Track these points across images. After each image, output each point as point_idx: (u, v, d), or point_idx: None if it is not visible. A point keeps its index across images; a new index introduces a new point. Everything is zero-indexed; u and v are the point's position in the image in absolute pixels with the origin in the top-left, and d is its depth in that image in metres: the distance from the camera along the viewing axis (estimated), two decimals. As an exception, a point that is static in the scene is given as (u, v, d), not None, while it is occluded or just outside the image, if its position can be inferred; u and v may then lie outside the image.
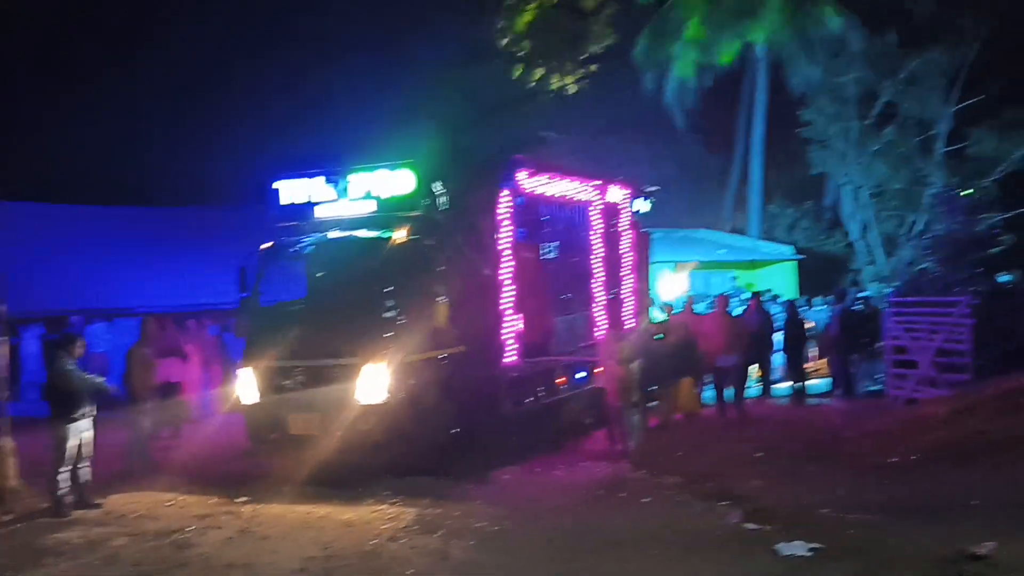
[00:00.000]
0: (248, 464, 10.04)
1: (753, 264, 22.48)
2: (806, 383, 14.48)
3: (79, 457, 8.63)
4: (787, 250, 22.55)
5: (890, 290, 16.24)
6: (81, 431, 8.58)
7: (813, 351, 15.70)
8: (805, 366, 14.78)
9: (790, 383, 14.44)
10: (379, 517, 8.16)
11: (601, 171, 12.83)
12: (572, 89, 16.31)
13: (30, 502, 8.92)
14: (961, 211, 16.21)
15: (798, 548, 6.89)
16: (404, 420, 9.16)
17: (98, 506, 8.69)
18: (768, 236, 25.78)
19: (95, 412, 8.75)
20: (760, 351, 13.87)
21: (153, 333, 11.51)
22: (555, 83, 16.15)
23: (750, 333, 13.26)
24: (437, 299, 9.52)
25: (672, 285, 17.89)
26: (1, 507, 8.84)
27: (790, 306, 14.98)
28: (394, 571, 6.74)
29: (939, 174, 21.46)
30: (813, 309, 16.76)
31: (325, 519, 8.13)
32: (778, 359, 14.67)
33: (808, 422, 12.69)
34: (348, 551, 7.23)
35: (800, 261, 22.11)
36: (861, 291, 18.44)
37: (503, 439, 10.10)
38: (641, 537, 7.43)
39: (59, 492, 8.45)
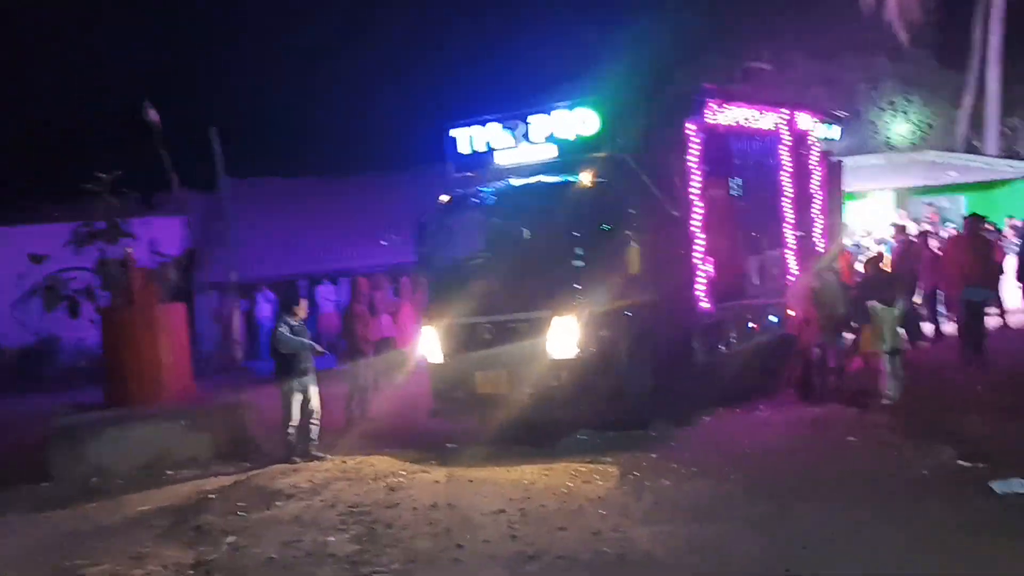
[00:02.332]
0: (437, 423, 10.18)
1: (989, 185, 20.71)
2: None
3: (307, 412, 9.57)
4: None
5: None
6: (304, 388, 9.49)
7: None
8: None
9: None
10: (576, 465, 8.42)
11: (789, 98, 12.28)
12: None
13: (266, 453, 10.07)
14: None
15: (1015, 485, 6.59)
16: (597, 374, 8.99)
17: (323, 458, 9.54)
18: (1008, 153, 23.70)
19: (313, 370, 9.59)
20: None
21: (364, 291, 12.51)
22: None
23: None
24: (628, 245, 9.29)
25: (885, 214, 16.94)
26: (240, 457, 10.07)
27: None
28: (588, 510, 7.07)
29: None
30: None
31: (525, 468, 8.46)
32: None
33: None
34: (545, 494, 7.64)
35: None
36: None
37: (699, 388, 10.04)
38: (846, 478, 7.36)
39: (289, 445, 9.44)
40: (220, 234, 21.30)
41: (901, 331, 10.82)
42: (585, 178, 9.31)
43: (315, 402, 9.57)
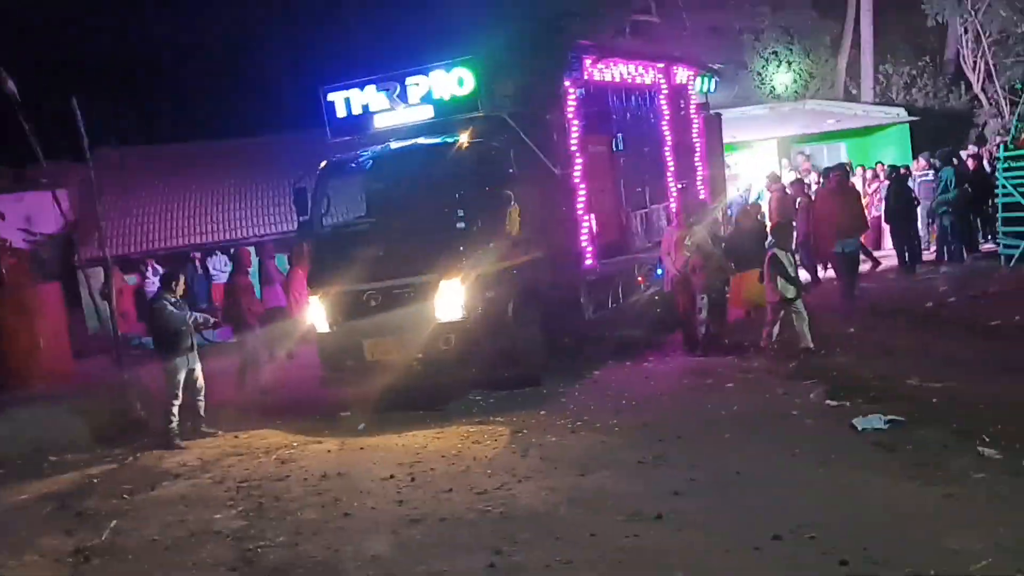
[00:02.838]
0: (328, 393, 10.08)
1: (865, 131, 21.55)
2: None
3: (193, 390, 9.42)
4: (900, 112, 21.44)
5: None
6: (187, 365, 9.32)
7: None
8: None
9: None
10: (467, 427, 8.56)
11: (666, 52, 12.52)
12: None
13: (155, 433, 9.85)
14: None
15: (874, 421, 7.01)
16: (485, 335, 9.07)
17: (213, 434, 9.44)
18: (883, 100, 24.65)
19: (196, 346, 9.42)
20: None
21: (247, 262, 12.26)
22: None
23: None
24: (509, 205, 9.29)
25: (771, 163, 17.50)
26: (127, 439, 9.86)
27: (895, 175, 14.44)
28: (474, 471, 7.20)
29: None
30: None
31: (417, 433, 8.53)
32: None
33: (906, 295, 12.43)
34: (435, 457, 7.75)
35: (915, 123, 20.98)
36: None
37: (589, 343, 10.31)
38: (721, 421, 7.69)
39: (172, 423, 9.27)
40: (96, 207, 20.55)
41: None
42: (463, 139, 9.31)
43: (200, 379, 9.41)
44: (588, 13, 19.48)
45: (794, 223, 13.01)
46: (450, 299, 9.05)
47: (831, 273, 13.23)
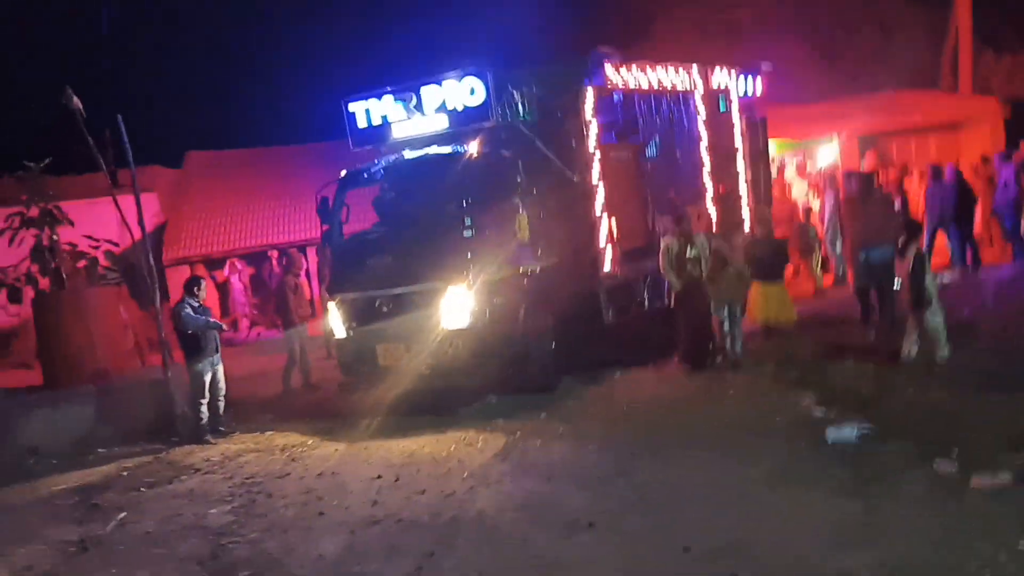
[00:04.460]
0: (349, 396, 10.50)
1: (955, 125, 20.71)
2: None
3: (215, 390, 10.08)
4: (991, 104, 20.47)
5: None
6: (212, 367, 9.99)
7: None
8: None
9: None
10: (468, 431, 8.86)
11: (701, 55, 12.36)
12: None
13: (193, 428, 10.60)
14: None
15: (846, 433, 7.00)
16: (493, 341, 9.30)
17: (230, 433, 10.08)
18: (984, 91, 23.58)
19: (217, 351, 10.02)
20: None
21: (299, 264, 12.98)
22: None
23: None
24: (518, 213, 9.48)
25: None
26: (170, 431, 10.60)
27: (955, 174, 13.93)
28: (454, 473, 7.55)
29: None
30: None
31: (421, 437, 8.86)
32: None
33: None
34: (427, 458, 8.15)
35: (1009, 117, 19.99)
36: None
37: (609, 348, 10.41)
38: (702, 431, 7.80)
39: (201, 421, 9.97)
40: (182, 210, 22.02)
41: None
42: (473, 148, 9.61)
43: (221, 380, 10.06)
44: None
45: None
46: (457, 305, 9.33)
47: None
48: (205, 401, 9.95)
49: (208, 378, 9.93)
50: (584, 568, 5.33)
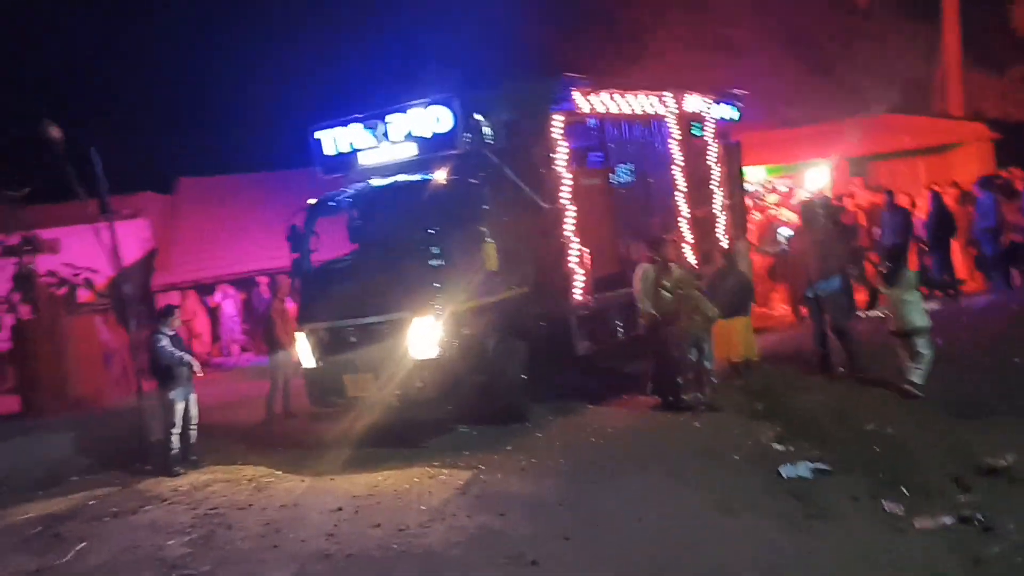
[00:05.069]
0: (320, 426, 10.53)
1: (944, 148, 20.78)
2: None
3: (187, 419, 10.12)
4: (980, 128, 20.55)
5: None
6: (184, 396, 10.04)
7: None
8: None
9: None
10: (434, 463, 8.85)
11: (672, 81, 12.33)
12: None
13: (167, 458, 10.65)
14: None
15: (800, 469, 7.05)
16: (461, 372, 9.25)
17: (201, 462, 10.07)
18: (974, 113, 23.65)
19: (190, 381, 10.03)
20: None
21: (285, 289, 13.04)
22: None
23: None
24: (485, 241, 9.38)
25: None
26: (143, 460, 10.65)
27: (936, 198, 14.00)
28: (412, 507, 7.60)
29: None
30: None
31: (387, 469, 8.84)
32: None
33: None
34: (389, 491, 8.19)
35: (999, 139, 20.06)
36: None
37: (578, 379, 10.45)
38: (659, 463, 7.85)
39: (172, 451, 10.00)
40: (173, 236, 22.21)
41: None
42: (439, 176, 9.61)
43: (193, 410, 10.11)
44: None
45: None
46: (424, 336, 9.31)
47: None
48: (176, 431, 9.99)
49: (180, 408, 9.97)
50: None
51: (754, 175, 18.96)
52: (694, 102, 12.35)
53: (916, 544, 5.48)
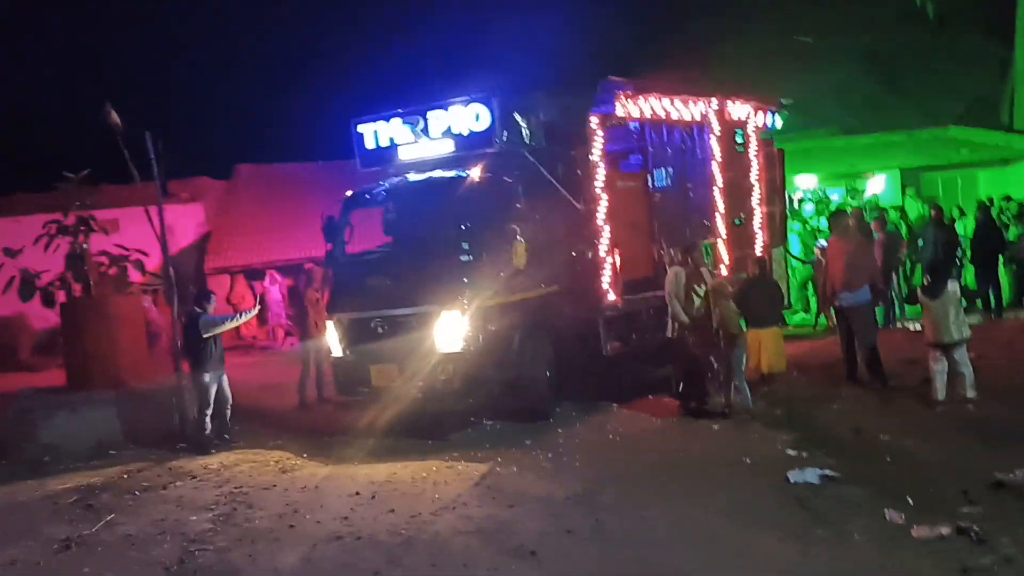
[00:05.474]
0: (343, 415, 10.84)
1: (1004, 162, 20.40)
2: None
3: (221, 400, 10.47)
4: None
5: None
6: (217, 378, 10.39)
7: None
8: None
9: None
10: (455, 453, 9.10)
11: (718, 87, 12.32)
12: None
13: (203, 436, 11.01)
14: None
15: (808, 475, 7.09)
16: (486, 367, 9.44)
17: (234, 442, 10.43)
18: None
19: (222, 364, 10.42)
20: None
21: (317, 277, 13.37)
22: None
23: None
24: (517, 239, 9.52)
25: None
26: (181, 439, 11.05)
27: (984, 211, 13.76)
28: (427, 495, 7.80)
29: None
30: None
31: (408, 458, 9.06)
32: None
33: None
34: (407, 479, 8.41)
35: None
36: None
37: (610, 377, 10.53)
38: (672, 467, 7.95)
39: (204, 430, 10.38)
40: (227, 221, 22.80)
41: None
42: (474, 173, 9.78)
43: (226, 391, 10.46)
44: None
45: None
46: (450, 330, 9.52)
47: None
48: (209, 412, 10.36)
49: (213, 389, 10.33)
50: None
51: (806, 182, 18.90)
52: (738, 109, 12.35)
53: (907, 553, 5.49)
